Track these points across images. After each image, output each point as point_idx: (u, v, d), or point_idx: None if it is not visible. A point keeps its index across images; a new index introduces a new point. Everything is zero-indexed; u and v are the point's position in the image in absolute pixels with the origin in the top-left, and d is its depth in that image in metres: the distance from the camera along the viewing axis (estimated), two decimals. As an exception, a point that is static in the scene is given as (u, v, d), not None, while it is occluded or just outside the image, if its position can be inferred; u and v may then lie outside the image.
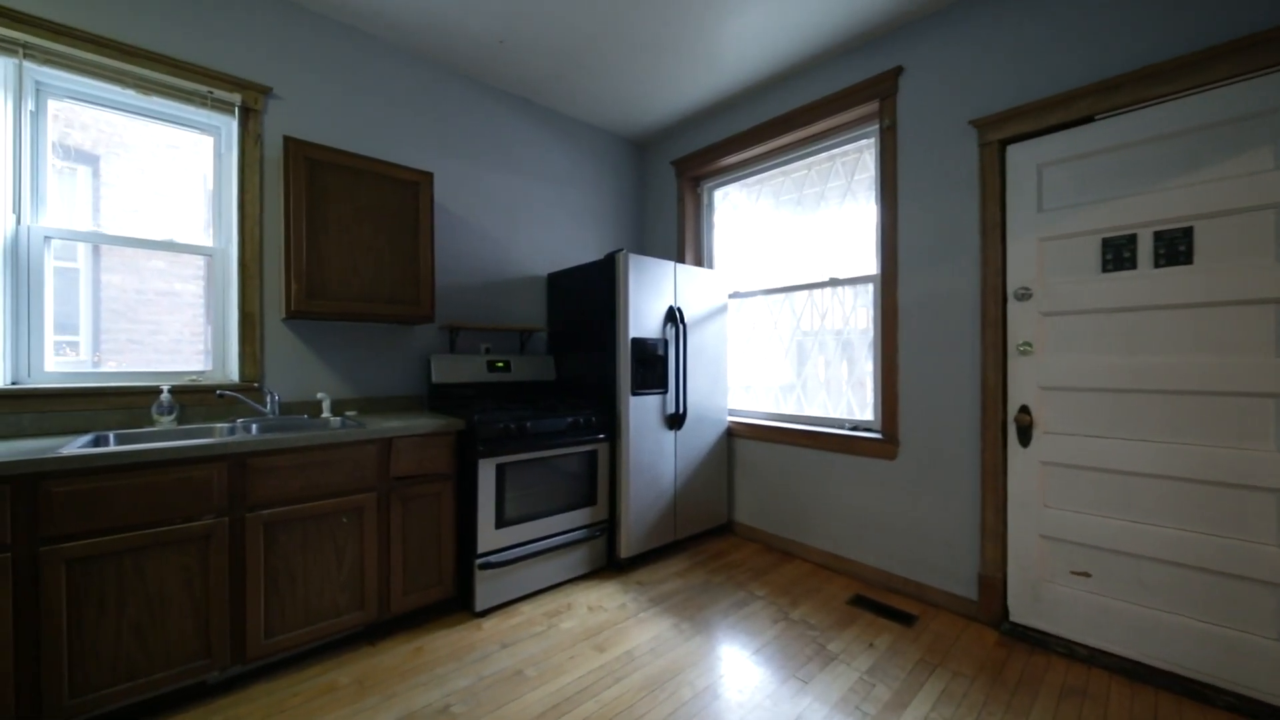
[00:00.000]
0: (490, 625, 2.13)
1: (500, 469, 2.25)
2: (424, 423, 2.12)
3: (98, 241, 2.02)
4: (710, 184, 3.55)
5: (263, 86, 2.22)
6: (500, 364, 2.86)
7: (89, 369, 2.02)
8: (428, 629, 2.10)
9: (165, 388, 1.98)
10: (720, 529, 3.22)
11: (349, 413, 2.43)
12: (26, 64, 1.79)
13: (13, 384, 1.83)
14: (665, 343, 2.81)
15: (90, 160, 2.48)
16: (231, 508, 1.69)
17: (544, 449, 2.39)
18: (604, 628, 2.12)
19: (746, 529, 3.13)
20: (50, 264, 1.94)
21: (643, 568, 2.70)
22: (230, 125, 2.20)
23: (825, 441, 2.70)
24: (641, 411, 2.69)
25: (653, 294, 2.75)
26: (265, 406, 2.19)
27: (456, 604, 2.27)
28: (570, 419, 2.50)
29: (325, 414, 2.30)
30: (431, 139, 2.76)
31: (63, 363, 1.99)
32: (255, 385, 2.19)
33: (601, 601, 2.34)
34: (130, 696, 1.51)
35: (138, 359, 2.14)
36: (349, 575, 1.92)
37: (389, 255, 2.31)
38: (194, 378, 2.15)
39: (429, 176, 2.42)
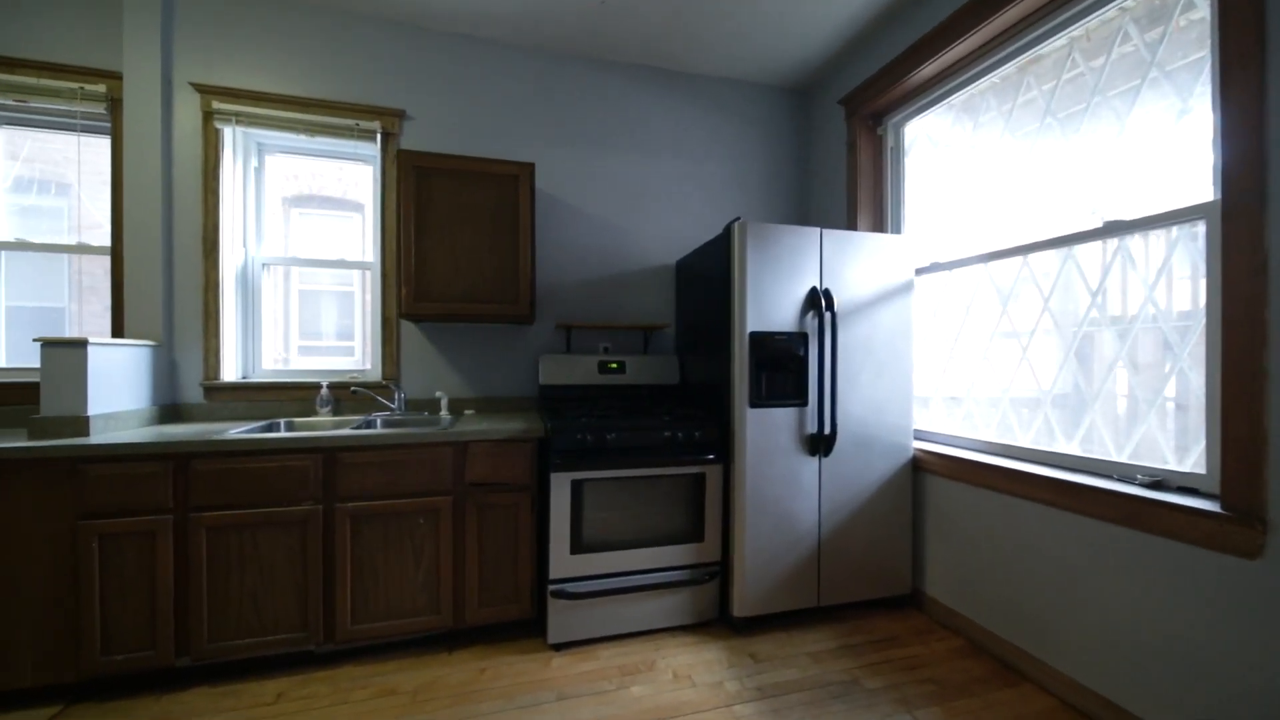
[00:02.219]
0: (559, 664, 1.86)
1: (576, 485, 1.96)
2: (500, 427, 1.99)
3: (291, 264, 2.50)
4: (895, 117, 2.57)
5: (397, 111, 2.44)
6: (613, 365, 2.59)
7: (357, 368, 2.54)
8: (501, 649, 1.96)
9: (325, 384, 2.32)
10: (897, 601, 2.28)
11: (467, 411, 2.50)
12: (239, 129, 2.30)
13: (243, 378, 2.39)
14: (803, 338, 2.09)
15: (358, 207, 3.17)
16: (325, 497, 1.82)
17: (631, 467, 2.01)
18: (680, 712, 1.62)
19: (941, 610, 2.13)
20: (267, 285, 2.48)
21: (765, 634, 2.06)
22: (376, 151, 2.48)
23: (1095, 502, 1.58)
24: (765, 429, 2.05)
25: (784, 273, 2.07)
26: (393, 403, 2.39)
27: (534, 628, 2.08)
28: (666, 433, 2.05)
29: (442, 412, 2.41)
30: (546, 129, 2.66)
31: (345, 364, 2.58)
32: (387, 384, 2.41)
33: (693, 670, 1.83)
34: (248, 651, 1.75)
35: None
36: (426, 577, 1.91)
37: (488, 253, 2.27)
38: (354, 375, 2.49)
39: (528, 168, 2.30)
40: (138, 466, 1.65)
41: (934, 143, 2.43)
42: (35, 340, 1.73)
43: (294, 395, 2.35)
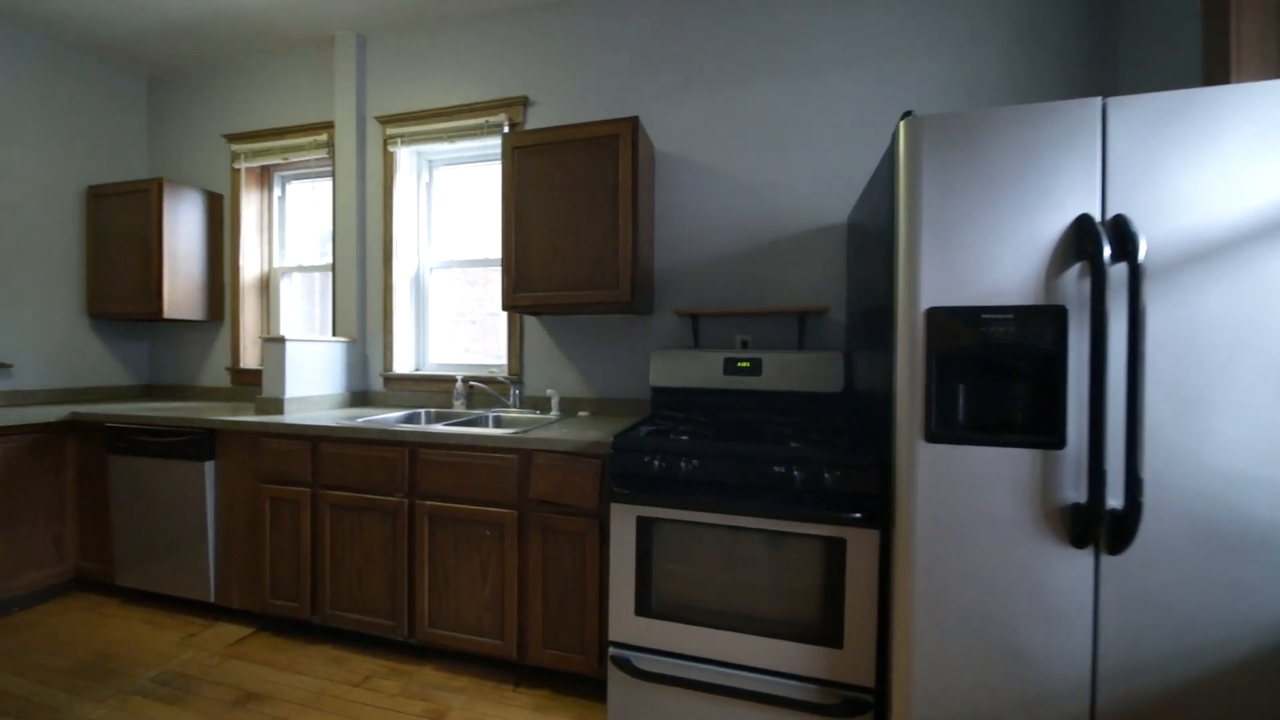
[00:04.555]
0: (611, 758, 1.41)
1: (644, 525, 1.46)
2: (565, 437, 1.64)
3: (452, 266, 2.70)
4: None
5: (520, 98, 2.37)
6: (744, 364, 1.95)
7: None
8: (561, 705, 1.62)
9: (459, 378, 2.41)
10: None
11: (581, 413, 2.26)
12: (404, 148, 2.58)
13: (415, 370, 2.70)
14: (1055, 317, 1.09)
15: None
16: (410, 491, 1.82)
17: (722, 511, 1.39)
18: None
19: None
20: (433, 286, 2.75)
21: None
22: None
23: None
24: (959, 483, 1.14)
25: (1008, 195, 1.12)
26: (509, 399, 2.32)
27: (600, 690, 1.66)
28: (779, 468, 1.35)
29: (552, 411, 2.22)
30: (672, 75, 2.20)
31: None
32: (505, 380, 2.36)
33: None
34: (354, 625, 1.87)
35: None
36: (491, 596, 1.72)
37: (585, 232, 1.96)
38: (491, 370, 2.54)
39: (628, 124, 1.89)
40: (288, 444, 1.93)
41: None
42: (260, 338, 2.21)
43: (439, 387, 2.52)
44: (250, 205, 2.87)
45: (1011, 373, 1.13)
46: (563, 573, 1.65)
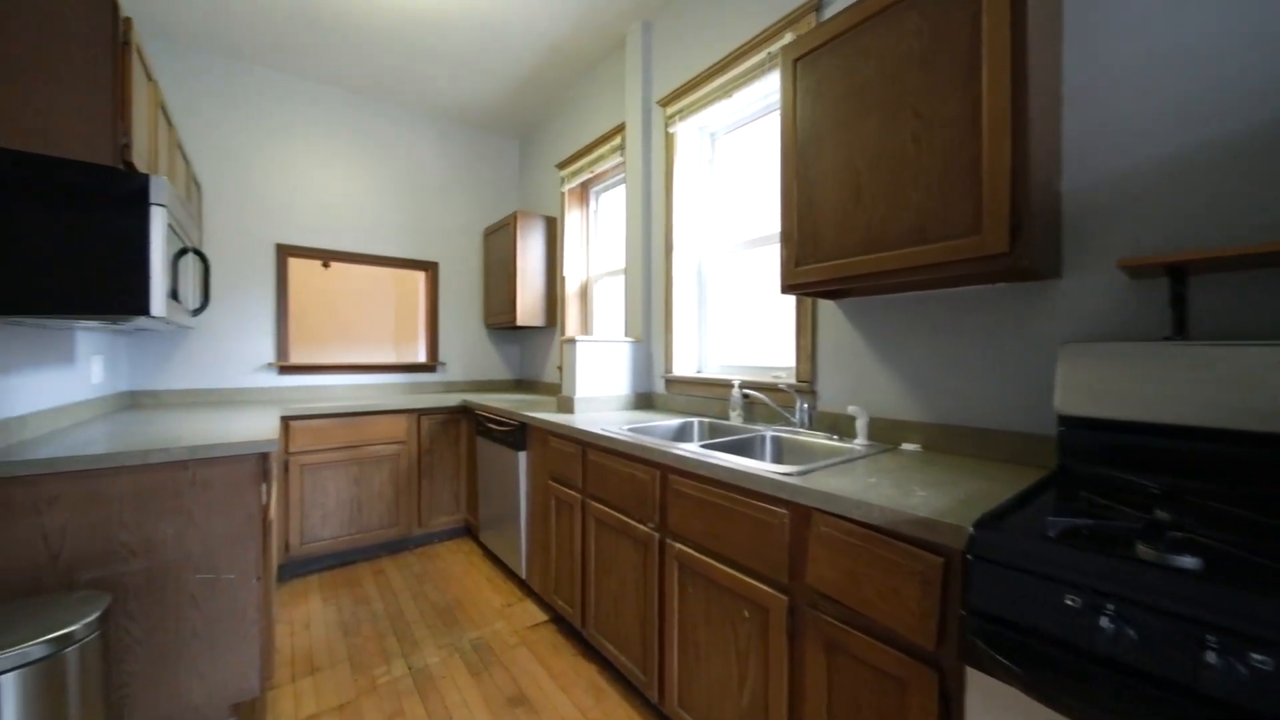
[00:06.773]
0: None
1: (1057, 751, 0.62)
2: (865, 499, 0.94)
3: (735, 250, 2.28)
4: None
5: (810, 3, 1.72)
6: (1380, 375, 0.76)
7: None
8: None
9: (736, 383, 1.98)
10: None
11: (907, 445, 1.46)
12: (682, 124, 2.30)
13: (696, 371, 2.43)
14: None
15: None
16: (661, 524, 1.47)
17: None
18: None
19: None
20: (715, 277, 2.40)
21: None
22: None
23: None
24: None
25: None
26: (794, 413, 1.71)
27: None
28: None
29: (857, 439, 1.51)
30: None
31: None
32: (788, 389, 1.75)
33: None
34: (613, 657, 1.67)
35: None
36: (750, 706, 1.18)
37: (912, 149, 1.17)
38: (775, 375, 2.00)
39: (1004, -83, 1.01)
40: (565, 445, 1.91)
41: None
42: (559, 339, 2.34)
43: (715, 393, 2.14)
44: (573, 221, 3.22)
45: None
46: (861, 730, 0.96)
